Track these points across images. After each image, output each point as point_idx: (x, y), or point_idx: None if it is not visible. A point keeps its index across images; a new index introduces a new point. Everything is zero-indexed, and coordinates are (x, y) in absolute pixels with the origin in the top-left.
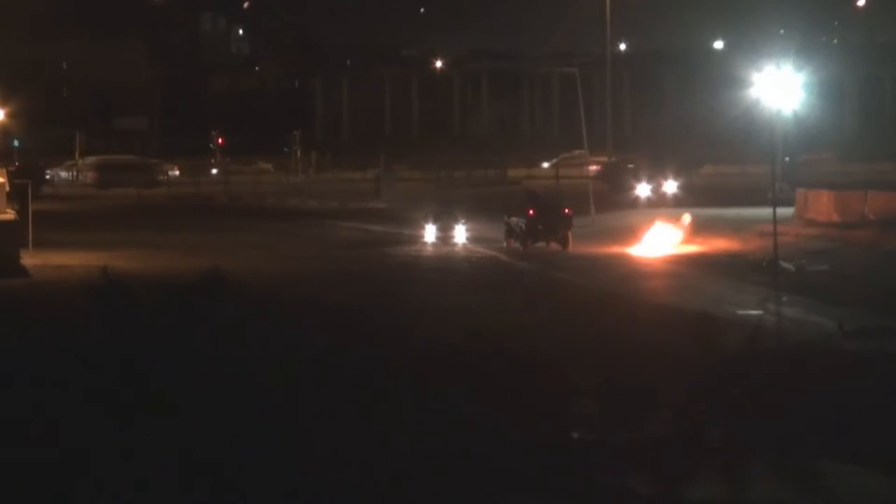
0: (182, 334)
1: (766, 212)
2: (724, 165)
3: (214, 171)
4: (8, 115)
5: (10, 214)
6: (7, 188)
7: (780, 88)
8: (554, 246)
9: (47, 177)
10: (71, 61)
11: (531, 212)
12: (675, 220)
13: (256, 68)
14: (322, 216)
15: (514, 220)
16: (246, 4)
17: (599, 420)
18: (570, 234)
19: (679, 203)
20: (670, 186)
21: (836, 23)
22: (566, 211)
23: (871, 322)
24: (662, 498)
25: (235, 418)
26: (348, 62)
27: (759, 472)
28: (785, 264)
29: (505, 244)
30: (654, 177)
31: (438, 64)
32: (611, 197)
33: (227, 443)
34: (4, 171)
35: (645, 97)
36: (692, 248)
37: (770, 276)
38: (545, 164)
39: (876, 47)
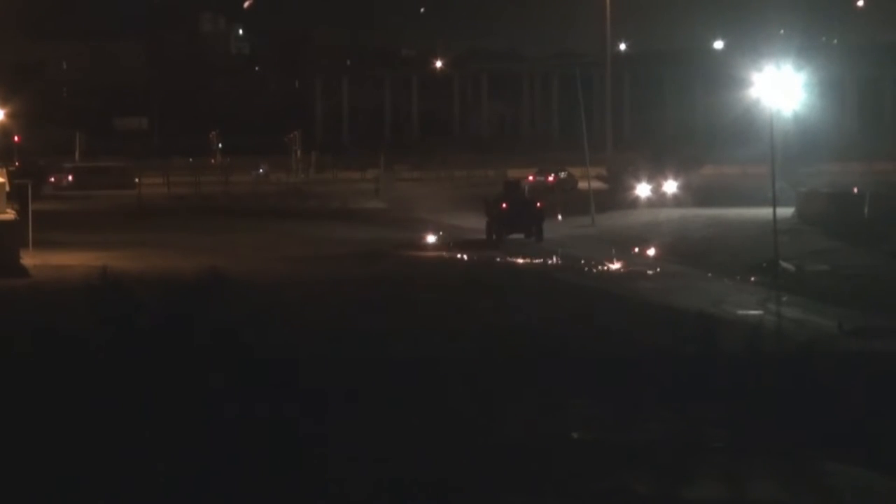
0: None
1: (766, 212)
2: (725, 165)
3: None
4: (8, 115)
5: (10, 214)
6: (7, 188)
7: (780, 88)
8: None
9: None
10: (71, 61)
11: (504, 205)
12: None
13: (256, 68)
14: (322, 217)
15: (492, 213)
16: (246, 4)
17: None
18: (542, 226)
19: (679, 203)
20: (670, 186)
21: (837, 23)
22: (538, 205)
23: (871, 322)
24: (662, 497)
25: None
26: (348, 62)
27: (759, 472)
28: (785, 264)
29: (486, 238)
30: (655, 177)
31: (438, 64)
32: (611, 197)
33: None
34: (4, 171)
35: (645, 97)
36: None
37: (770, 276)
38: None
39: (876, 47)
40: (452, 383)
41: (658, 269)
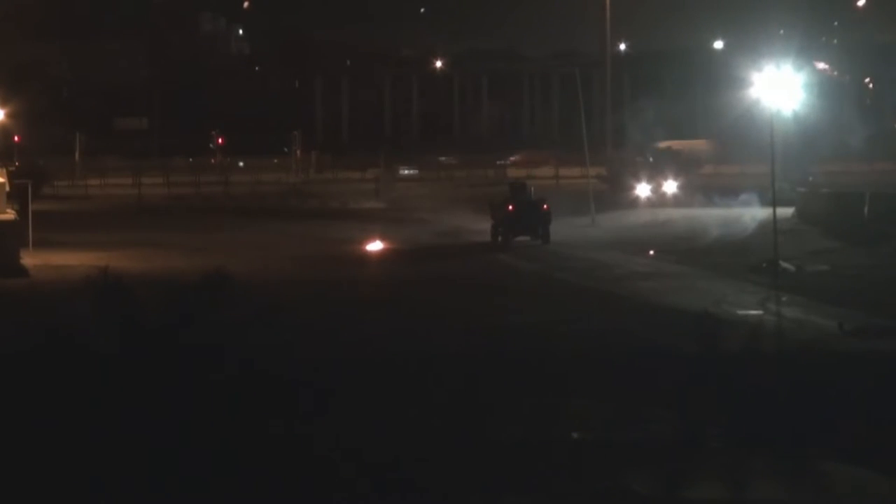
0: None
1: (766, 212)
2: (724, 165)
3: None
4: (8, 115)
5: (10, 214)
6: (7, 188)
7: (780, 88)
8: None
9: None
10: (71, 61)
11: (510, 208)
12: None
13: (256, 68)
14: (322, 217)
15: (498, 216)
16: (246, 4)
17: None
18: (549, 228)
19: (679, 203)
20: (670, 186)
21: (836, 23)
22: (544, 207)
23: (871, 322)
24: (662, 497)
25: None
26: (348, 62)
27: (759, 472)
28: (785, 264)
29: (491, 240)
30: (654, 177)
31: (438, 64)
32: (611, 197)
33: None
34: (4, 171)
35: (645, 97)
36: None
37: (770, 276)
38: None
39: (876, 47)
40: (452, 384)
41: (658, 269)
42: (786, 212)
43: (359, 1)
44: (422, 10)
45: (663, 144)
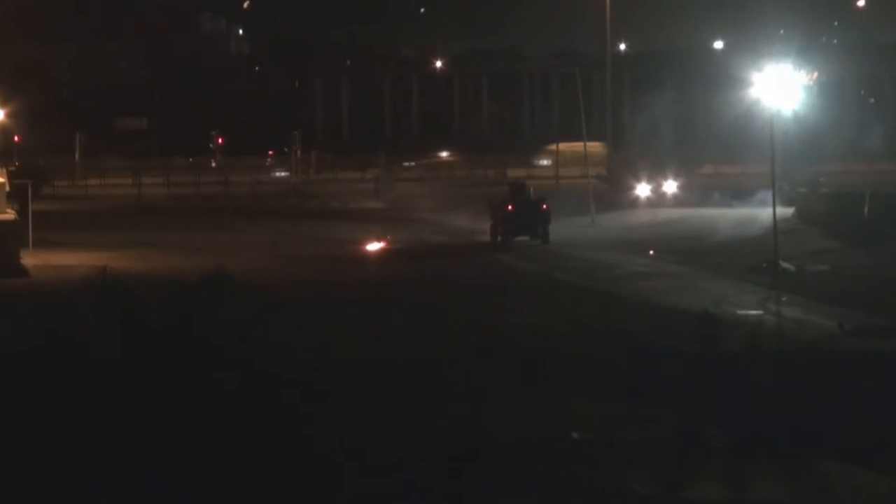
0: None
1: (766, 212)
2: (724, 165)
3: None
4: (8, 115)
5: (10, 214)
6: (7, 188)
7: (780, 88)
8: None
9: None
10: (71, 62)
11: (510, 207)
12: None
13: (256, 68)
14: (322, 217)
15: (497, 216)
16: (246, 4)
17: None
18: (549, 228)
19: (679, 203)
20: (670, 186)
21: (836, 23)
22: (544, 207)
23: (871, 322)
24: (662, 497)
25: None
26: (348, 62)
27: (759, 472)
28: (785, 264)
29: (491, 240)
30: (654, 177)
31: (438, 64)
32: (611, 197)
33: None
34: (4, 171)
35: (645, 97)
36: None
37: (770, 276)
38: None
39: (876, 47)
40: (452, 384)
41: (658, 269)
42: (786, 212)
43: (359, 1)
44: (422, 10)
45: (556, 146)
